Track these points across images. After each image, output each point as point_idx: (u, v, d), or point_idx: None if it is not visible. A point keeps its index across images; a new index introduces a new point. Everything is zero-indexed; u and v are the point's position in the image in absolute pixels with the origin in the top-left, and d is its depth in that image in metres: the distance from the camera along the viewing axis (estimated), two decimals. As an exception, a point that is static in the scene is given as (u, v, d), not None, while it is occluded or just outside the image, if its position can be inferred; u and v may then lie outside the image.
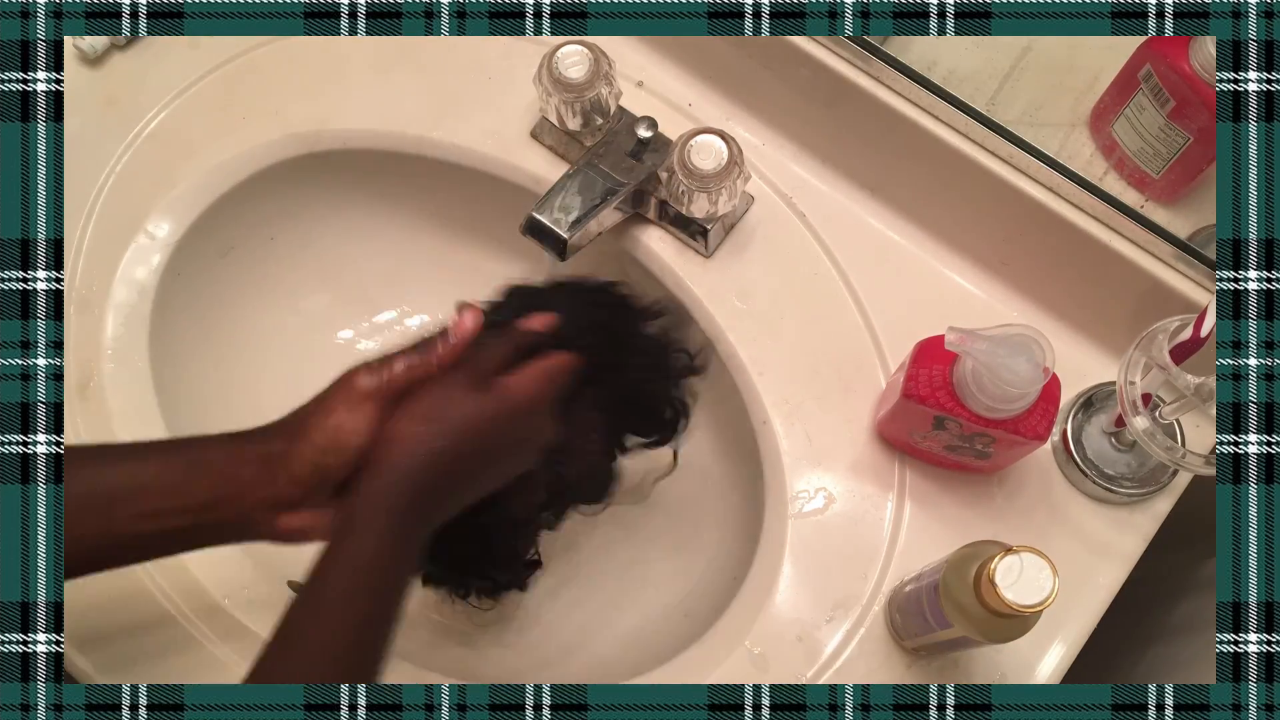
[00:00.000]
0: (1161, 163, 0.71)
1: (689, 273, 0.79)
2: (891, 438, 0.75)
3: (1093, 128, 0.76)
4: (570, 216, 0.72)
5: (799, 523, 0.74)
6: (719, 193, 0.73)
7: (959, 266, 0.80)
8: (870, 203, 0.81)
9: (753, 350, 0.78)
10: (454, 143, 0.83)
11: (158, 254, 0.80)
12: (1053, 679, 0.70)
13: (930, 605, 0.61)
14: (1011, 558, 0.53)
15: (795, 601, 0.72)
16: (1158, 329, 0.64)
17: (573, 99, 0.74)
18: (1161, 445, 0.65)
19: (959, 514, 0.74)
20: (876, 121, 0.75)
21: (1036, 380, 0.60)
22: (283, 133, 0.83)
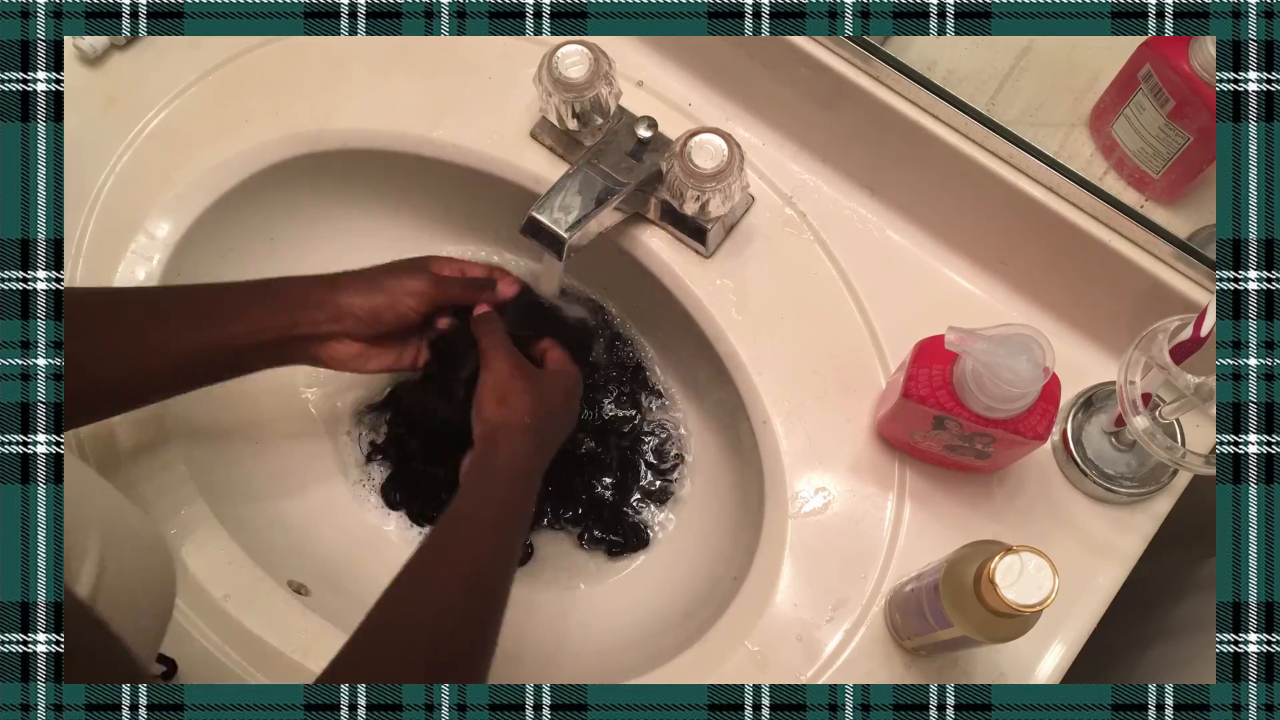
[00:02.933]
0: (1161, 162, 0.71)
1: (689, 272, 0.80)
2: (891, 437, 0.75)
3: (1092, 128, 0.76)
4: (570, 216, 0.72)
5: (799, 522, 0.74)
6: (719, 192, 0.73)
7: (959, 266, 0.80)
8: (870, 202, 0.81)
9: (753, 350, 0.78)
10: (454, 142, 0.83)
11: (158, 254, 0.80)
12: (1052, 679, 0.70)
13: (930, 605, 0.61)
14: (1012, 557, 0.53)
15: (795, 601, 0.72)
16: (1157, 329, 0.64)
17: (573, 99, 0.74)
18: (1161, 445, 0.65)
19: (959, 514, 0.74)
20: (876, 121, 0.75)
21: (1036, 380, 0.60)
22: (283, 132, 0.83)
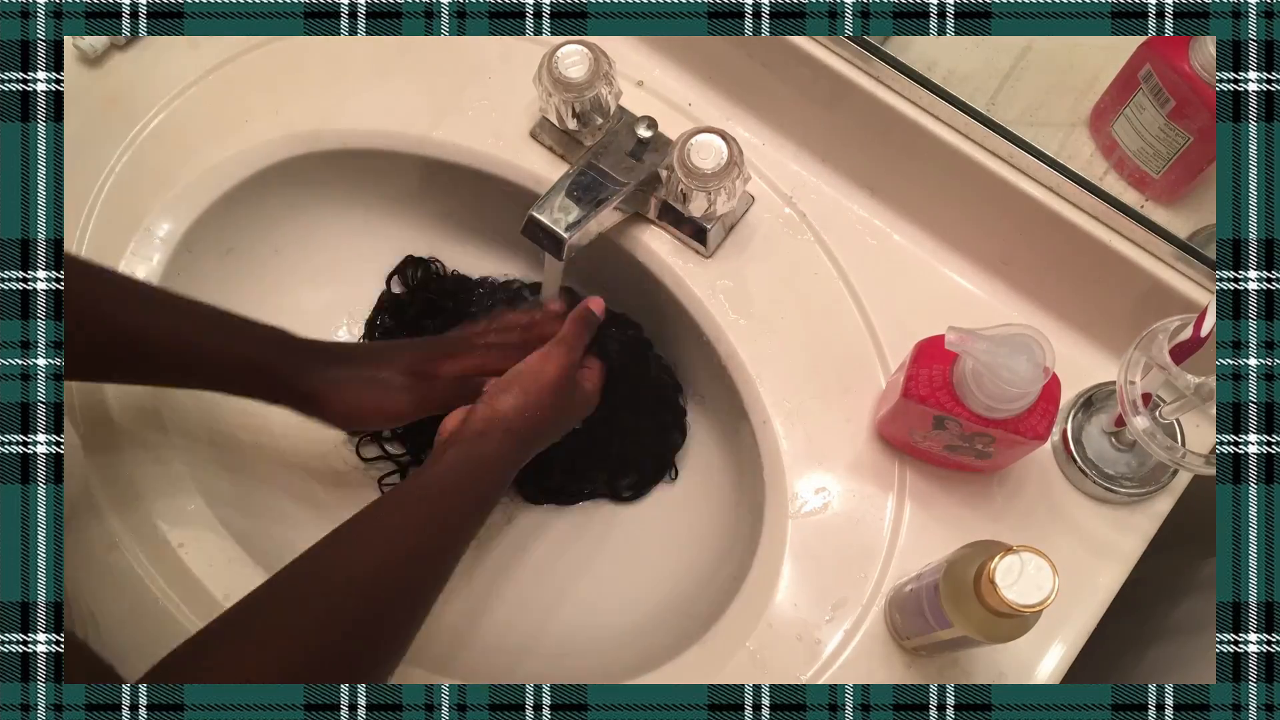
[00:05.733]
0: (1161, 162, 0.71)
1: (689, 272, 0.79)
2: (891, 438, 0.75)
3: (1093, 127, 0.76)
4: (570, 216, 0.72)
5: (799, 522, 0.74)
6: (719, 192, 0.73)
7: (959, 266, 0.80)
8: (870, 202, 0.81)
9: (753, 350, 0.78)
10: (454, 142, 0.82)
11: (158, 253, 0.80)
12: (1053, 679, 0.70)
13: (930, 605, 0.61)
14: (1012, 557, 0.53)
15: (795, 601, 0.72)
16: (1158, 329, 0.64)
17: (573, 99, 0.74)
18: (1161, 445, 0.65)
19: (959, 514, 0.74)
20: (877, 121, 0.75)
21: (1036, 380, 0.60)
22: (283, 132, 0.83)
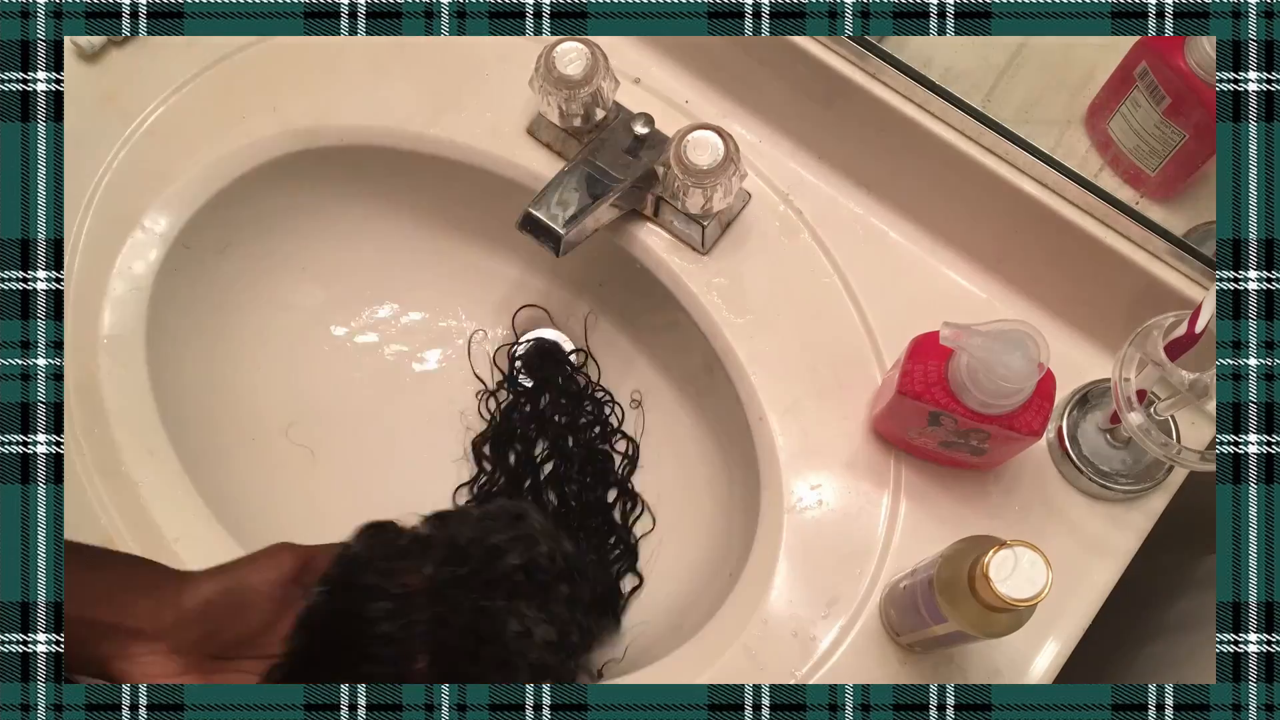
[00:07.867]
0: (1157, 160, 0.71)
1: (685, 269, 0.80)
2: (887, 434, 0.75)
3: (1088, 125, 0.76)
4: (567, 212, 0.72)
5: (794, 519, 0.74)
6: (715, 189, 0.73)
7: (955, 263, 0.80)
8: (866, 199, 0.81)
9: (749, 347, 0.78)
10: (451, 139, 0.82)
11: (155, 250, 0.80)
12: (1048, 675, 0.70)
13: (925, 600, 0.62)
14: (1006, 552, 0.53)
15: (791, 598, 0.72)
16: (1153, 325, 0.64)
17: (570, 95, 0.74)
18: (1156, 441, 0.65)
19: (954, 510, 0.74)
20: (873, 118, 0.75)
21: (1031, 376, 0.60)
22: (280, 129, 0.82)
